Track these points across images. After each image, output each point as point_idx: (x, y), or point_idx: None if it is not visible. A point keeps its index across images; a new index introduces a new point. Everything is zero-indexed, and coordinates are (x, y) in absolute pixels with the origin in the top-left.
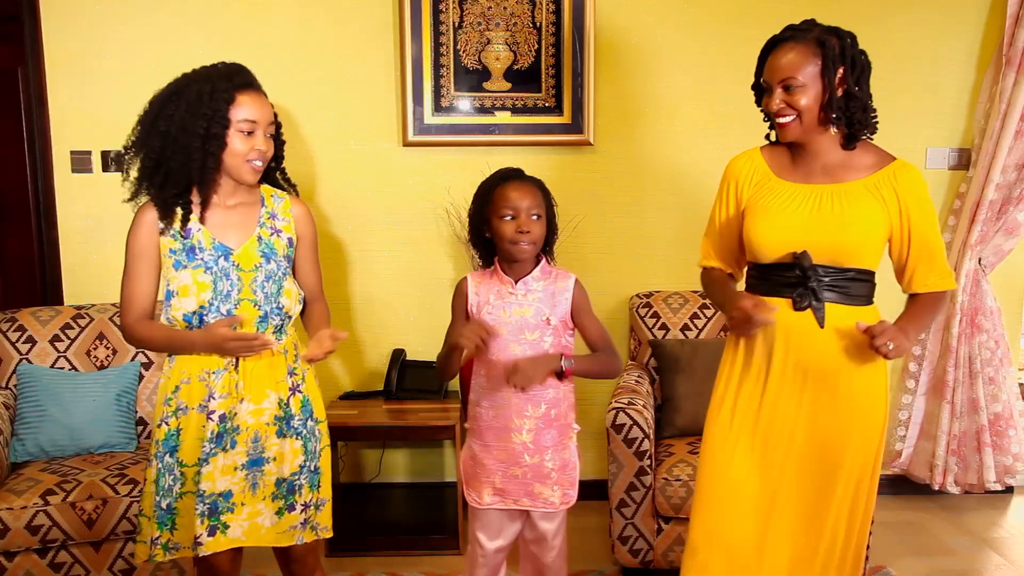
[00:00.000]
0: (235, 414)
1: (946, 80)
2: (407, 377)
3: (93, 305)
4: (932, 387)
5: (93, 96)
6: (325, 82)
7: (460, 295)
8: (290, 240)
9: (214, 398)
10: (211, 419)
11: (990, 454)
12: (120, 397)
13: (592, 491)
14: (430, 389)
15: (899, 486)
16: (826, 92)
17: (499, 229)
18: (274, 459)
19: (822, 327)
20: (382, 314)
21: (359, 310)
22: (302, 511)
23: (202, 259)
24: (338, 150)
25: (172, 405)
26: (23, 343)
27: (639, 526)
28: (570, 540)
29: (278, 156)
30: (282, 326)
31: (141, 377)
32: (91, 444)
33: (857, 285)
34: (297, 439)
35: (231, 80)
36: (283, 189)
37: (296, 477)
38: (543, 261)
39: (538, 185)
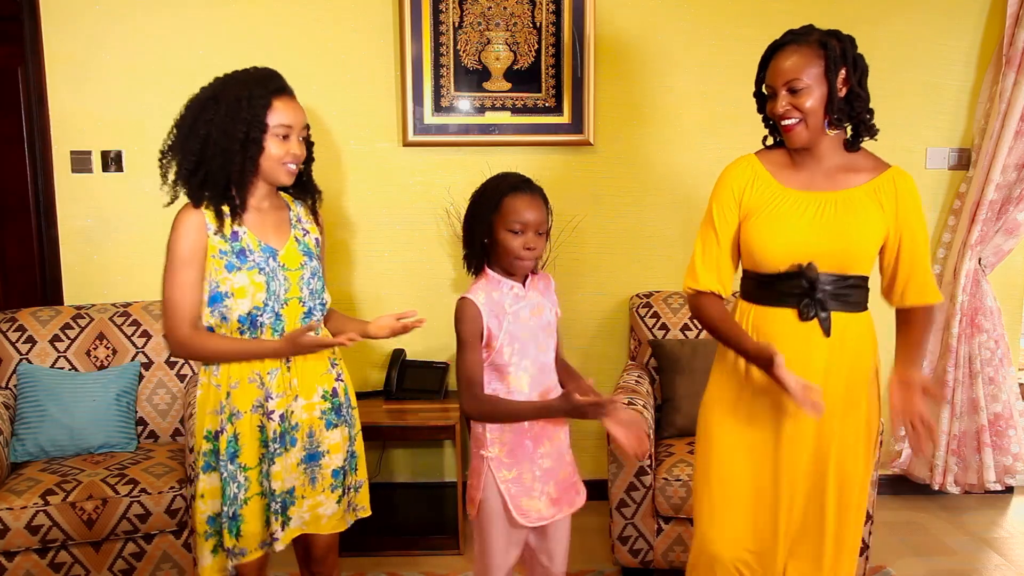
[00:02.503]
0: (292, 412)
1: (946, 80)
2: (407, 377)
3: (93, 305)
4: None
5: (93, 96)
6: (325, 82)
7: (472, 320)
8: (317, 240)
9: (272, 398)
10: (271, 419)
11: (990, 454)
12: (120, 397)
13: (592, 491)
14: (430, 389)
15: (899, 486)
16: (829, 93)
17: (505, 241)
18: (328, 452)
19: (828, 335)
20: (382, 314)
21: (359, 310)
22: (345, 493)
23: (254, 260)
24: (338, 150)
25: (226, 412)
26: (23, 343)
27: (639, 526)
28: (570, 540)
29: (308, 159)
30: (321, 320)
31: (141, 377)
32: (91, 444)
33: (856, 292)
34: (344, 427)
35: (267, 86)
36: (309, 192)
37: (346, 463)
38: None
39: (543, 197)
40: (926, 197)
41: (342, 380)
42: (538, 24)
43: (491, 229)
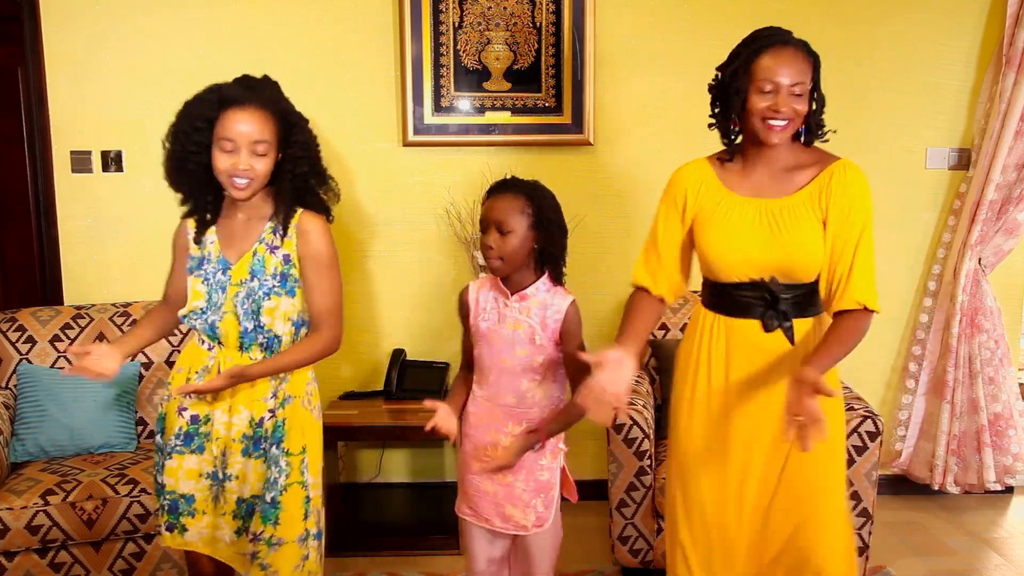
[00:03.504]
0: (208, 420)
1: (946, 80)
2: (407, 377)
3: (93, 305)
4: (932, 387)
5: (93, 96)
6: (325, 82)
7: (463, 304)
8: (286, 257)
9: (189, 396)
10: (181, 415)
11: (990, 454)
12: (120, 397)
13: (592, 491)
14: (430, 389)
15: (899, 486)
16: (816, 101)
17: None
18: (236, 477)
19: (793, 344)
20: (382, 314)
21: (359, 310)
22: (251, 541)
23: (205, 271)
24: (338, 150)
25: (167, 391)
26: (23, 343)
27: (639, 526)
28: (570, 540)
29: (298, 173)
30: (269, 345)
31: (141, 377)
32: (91, 444)
33: (811, 296)
34: (263, 462)
35: (224, 93)
36: (312, 207)
37: (256, 501)
38: (544, 276)
39: (522, 195)
40: (926, 197)
41: (275, 416)
42: (538, 24)
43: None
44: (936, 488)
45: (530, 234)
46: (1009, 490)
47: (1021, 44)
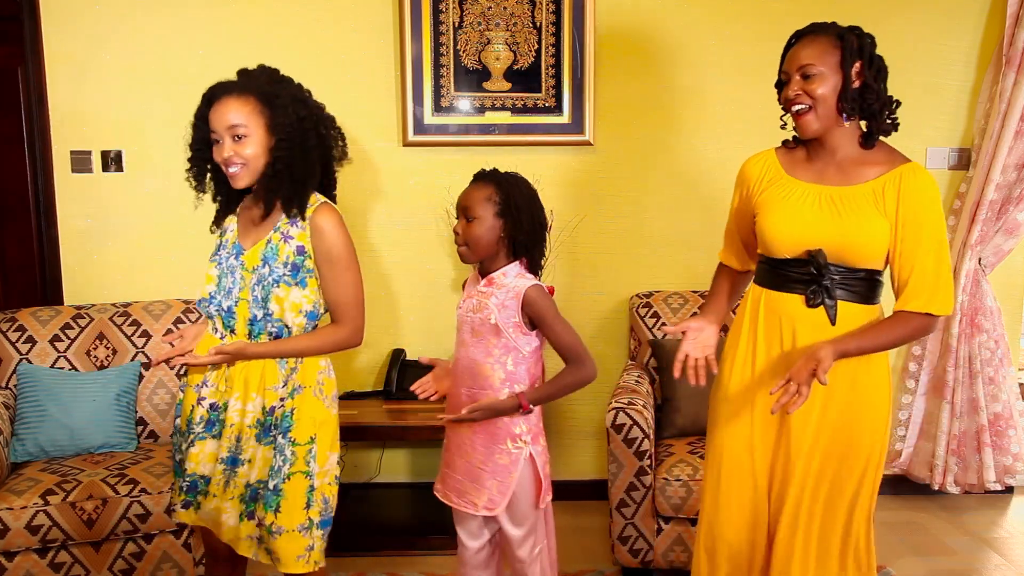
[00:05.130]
0: (225, 407)
1: (946, 80)
2: (407, 377)
3: (93, 305)
4: (932, 387)
5: (93, 96)
6: (325, 82)
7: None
8: (300, 248)
9: (206, 386)
10: (200, 405)
11: (990, 454)
12: (120, 397)
13: (592, 491)
14: None
15: (899, 486)
16: (843, 84)
17: None
18: (248, 461)
19: (834, 324)
20: (382, 314)
21: None
22: (257, 526)
23: (220, 255)
24: None
25: (183, 380)
26: (23, 343)
27: (639, 526)
28: (570, 540)
29: (279, 156)
30: (279, 335)
31: (141, 377)
32: (91, 444)
33: (866, 285)
34: (271, 449)
35: (212, 91)
36: (264, 193)
37: (260, 487)
38: (516, 263)
39: (491, 184)
40: None
41: (283, 405)
42: (538, 24)
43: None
44: (936, 488)
45: (496, 222)
46: (1009, 490)
47: (1021, 44)
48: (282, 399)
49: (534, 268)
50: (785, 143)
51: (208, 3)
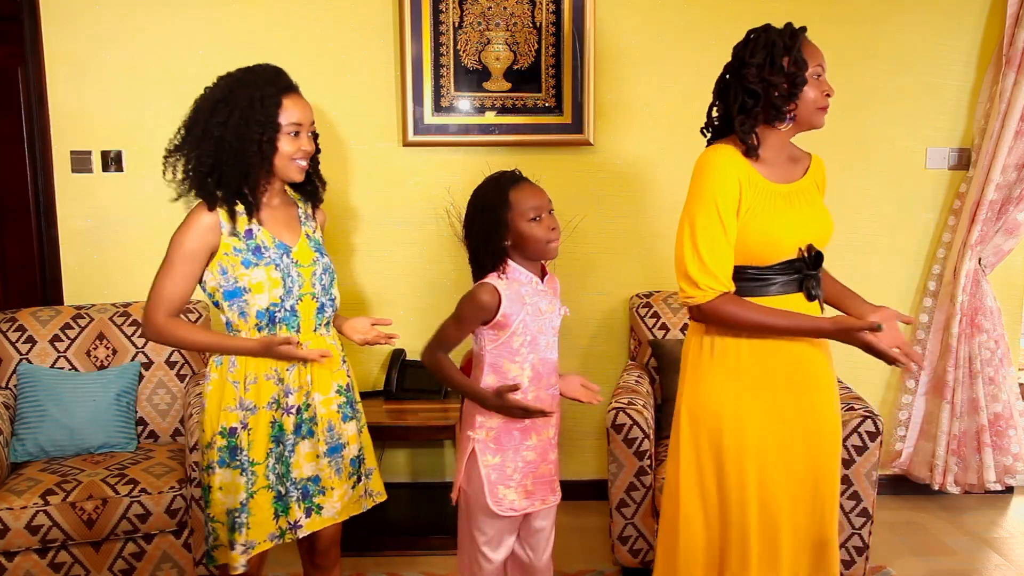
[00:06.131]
0: (308, 405)
1: (946, 80)
2: (407, 377)
3: (93, 305)
4: (932, 387)
5: (93, 96)
6: (325, 82)
7: (481, 308)
8: (321, 237)
9: (290, 394)
10: (290, 413)
11: (990, 454)
12: (120, 397)
13: (592, 491)
14: (430, 389)
15: (899, 486)
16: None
17: (530, 231)
18: (347, 443)
19: (823, 311)
20: (382, 314)
21: (359, 310)
22: (361, 481)
23: (270, 257)
24: (338, 150)
25: (244, 406)
26: (23, 343)
27: (639, 526)
28: (570, 540)
29: (315, 153)
30: (330, 319)
31: (141, 377)
32: (91, 444)
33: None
34: (355, 419)
35: (276, 84)
36: (311, 186)
37: (360, 452)
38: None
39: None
40: (926, 197)
41: (349, 376)
42: (538, 24)
43: (509, 225)
44: (936, 488)
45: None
46: (1009, 490)
47: (1021, 44)
48: (348, 375)
49: (494, 265)
50: (747, 149)
51: (208, 3)
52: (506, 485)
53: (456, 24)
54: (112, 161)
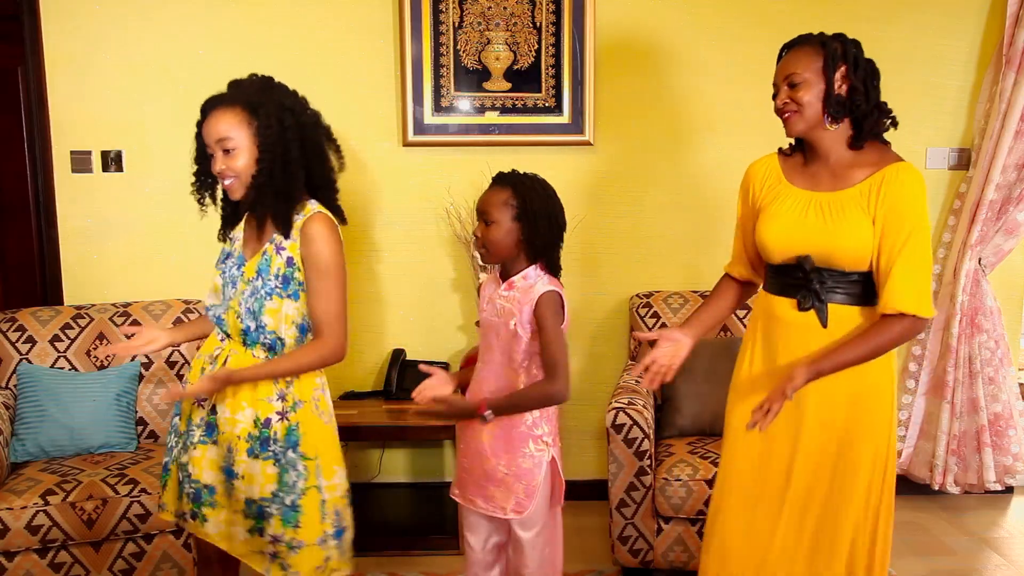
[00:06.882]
0: (215, 413)
1: (946, 80)
2: (407, 377)
3: (93, 305)
4: (932, 387)
5: (93, 96)
6: (325, 82)
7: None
8: (290, 260)
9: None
10: (202, 406)
11: (990, 454)
12: (120, 397)
13: (592, 491)
14: None
15: (899, 486)
16: (827, 89)
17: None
18: (242, 477)
19: (825, 327)
20: (382, 314)
21: (359, 310)
22: (271, 542)
23: (225, 266)
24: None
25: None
26: (23, 343)
27: (639, 526)
28: (570, 540)
29: (262, 169)
30: (272, 347)
31: (141, 377)
32: (91, 444)
33: (861, 287)
34: (274, 465)
35: (203, 105)
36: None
37: (267, 504)
38: (536, 266)
39: (508, 187)
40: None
41: (287, 419)
42: (538, 24)
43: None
44: (936, 488)
45: (514, 225)
46: (1009, 490)
47: (1021, 44)
48: (280, 413)
49: (553, 269)
50: (781, 150)
51: (208, 3)
52: (456, 472)
53: (456, 24)
54: (112, 161)
